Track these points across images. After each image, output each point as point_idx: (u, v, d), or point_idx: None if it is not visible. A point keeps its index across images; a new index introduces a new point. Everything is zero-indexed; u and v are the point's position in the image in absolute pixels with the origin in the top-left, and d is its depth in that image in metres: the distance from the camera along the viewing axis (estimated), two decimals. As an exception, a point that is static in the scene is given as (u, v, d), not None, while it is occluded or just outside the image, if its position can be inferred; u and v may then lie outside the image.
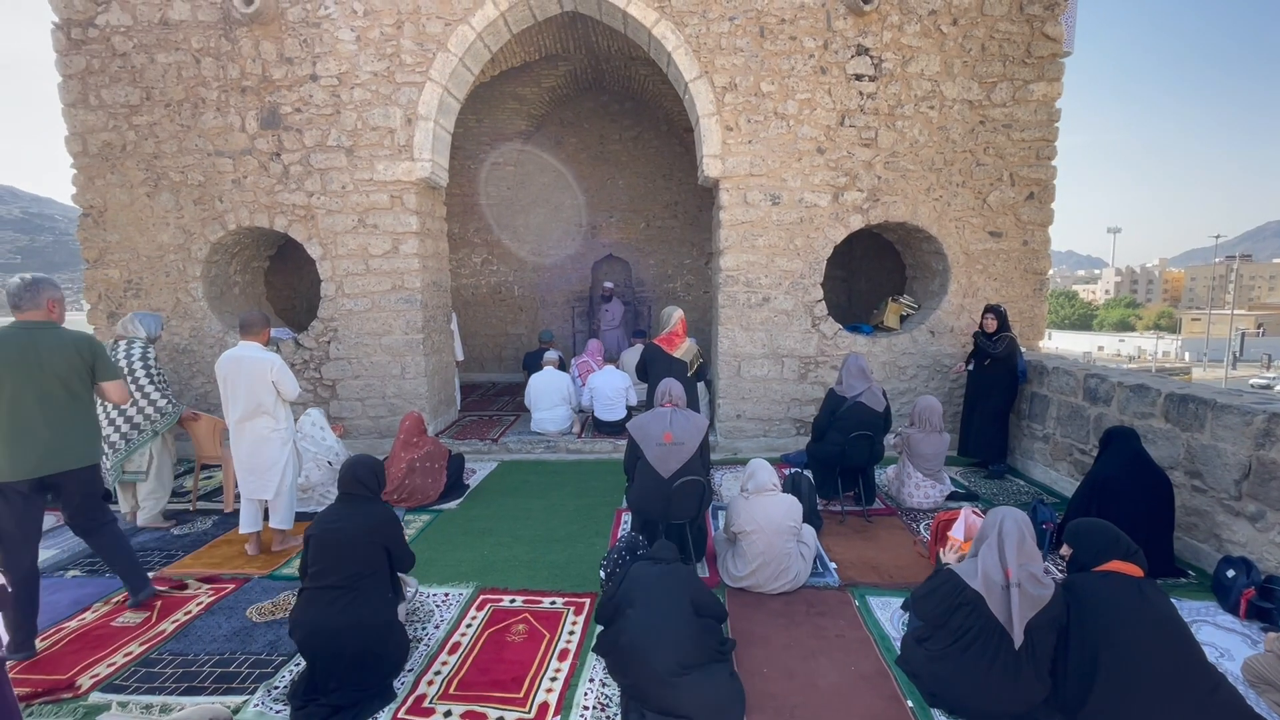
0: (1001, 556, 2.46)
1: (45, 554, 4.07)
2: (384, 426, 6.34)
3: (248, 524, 4.09)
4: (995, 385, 5.51)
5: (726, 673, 2.62)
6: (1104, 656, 2.26)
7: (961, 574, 2.57)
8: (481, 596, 3.53)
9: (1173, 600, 2.44)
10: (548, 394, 6.43)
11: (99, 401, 4.41)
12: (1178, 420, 3.98)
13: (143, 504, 4.63)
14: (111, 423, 4.46)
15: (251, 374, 3.83)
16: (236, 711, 2.59)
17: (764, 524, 3.43)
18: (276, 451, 3.99)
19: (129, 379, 4.45)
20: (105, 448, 4.48)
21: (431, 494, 4.96)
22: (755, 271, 6.09)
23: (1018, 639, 2.35)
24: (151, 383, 4.55)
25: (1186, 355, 43.42)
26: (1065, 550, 2.60)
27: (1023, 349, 5.84)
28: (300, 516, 4.69)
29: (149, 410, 4.52)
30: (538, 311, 10.56)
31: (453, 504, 5.00)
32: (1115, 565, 2.40)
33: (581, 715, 2.56)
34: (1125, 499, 3.53)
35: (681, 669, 2.45)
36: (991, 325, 5.51)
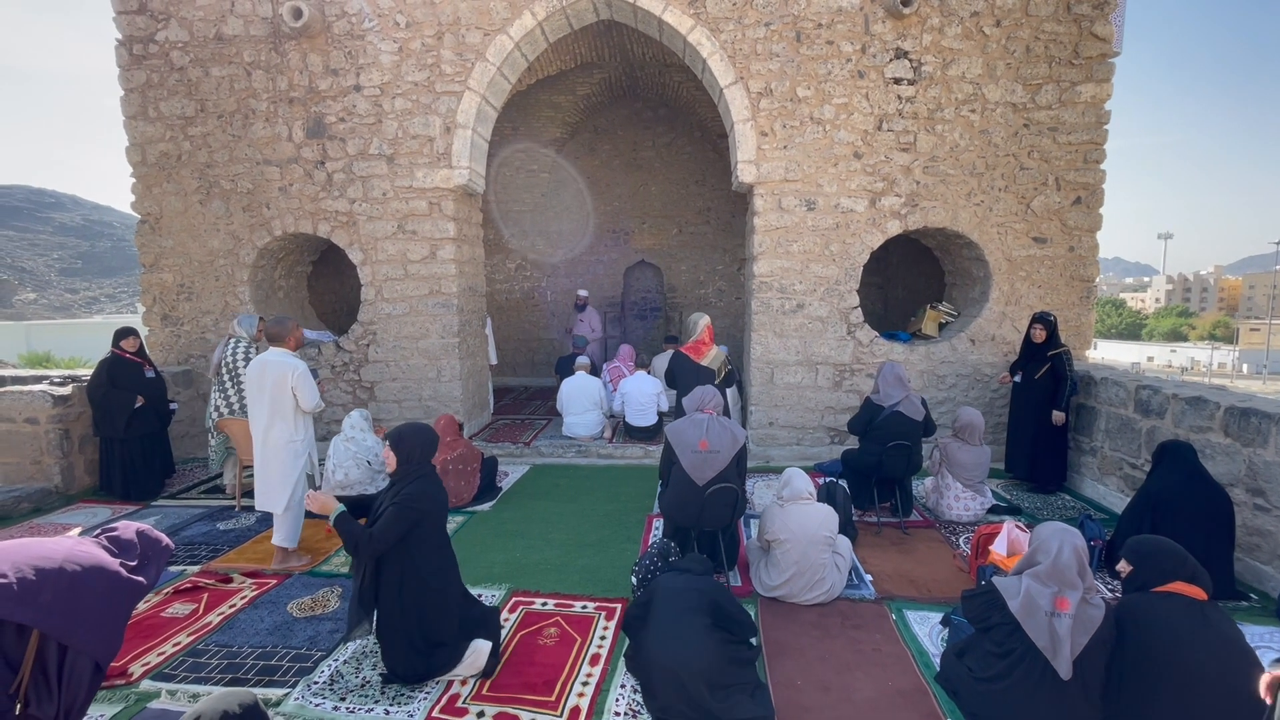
0: (1058, 587, 2.33)
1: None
2: (419, 428, 6.45)
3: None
4: (1047, 401, 5.13)
5: (754, 690, 2.59)
6: (1163, 682, 2.15)
7: (1002, 591, 2.47)
8: (514, 599, 3.56)
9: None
10: (579, 399, 6.47)
11: (216, 383, 5.09)
12: (1239, 435, 3.79)
13: (231, 479, 5.32)
14: (228, 404, 5.12)
15: (274, 379, 3.80)
16: (277, 704, 2.65)
17: (798, 533, 3.38)
18: (289, 464, 3.87)
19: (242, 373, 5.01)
20: (211, 426, 5.26)
21: (465, 496, 5.03)
22: (789, 278, 6.03)
23: (1065, 671, 2.23)
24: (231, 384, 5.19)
25: (1245, 367, 41.37)
26: (1124, 567, 2.47)
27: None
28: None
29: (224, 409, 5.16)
30: (570, 317, 10.64)
31: (485, 506, 5.06)
32: (1177, 587, 2.28)
33: (613, 721, 2.56)
34: (1182, 516, 3.37)
35: (709, 689, 2.44)
36: (1040, 336, 5.19)
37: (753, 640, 2.90)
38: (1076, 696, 2.26)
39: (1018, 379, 5.42)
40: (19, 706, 1.61)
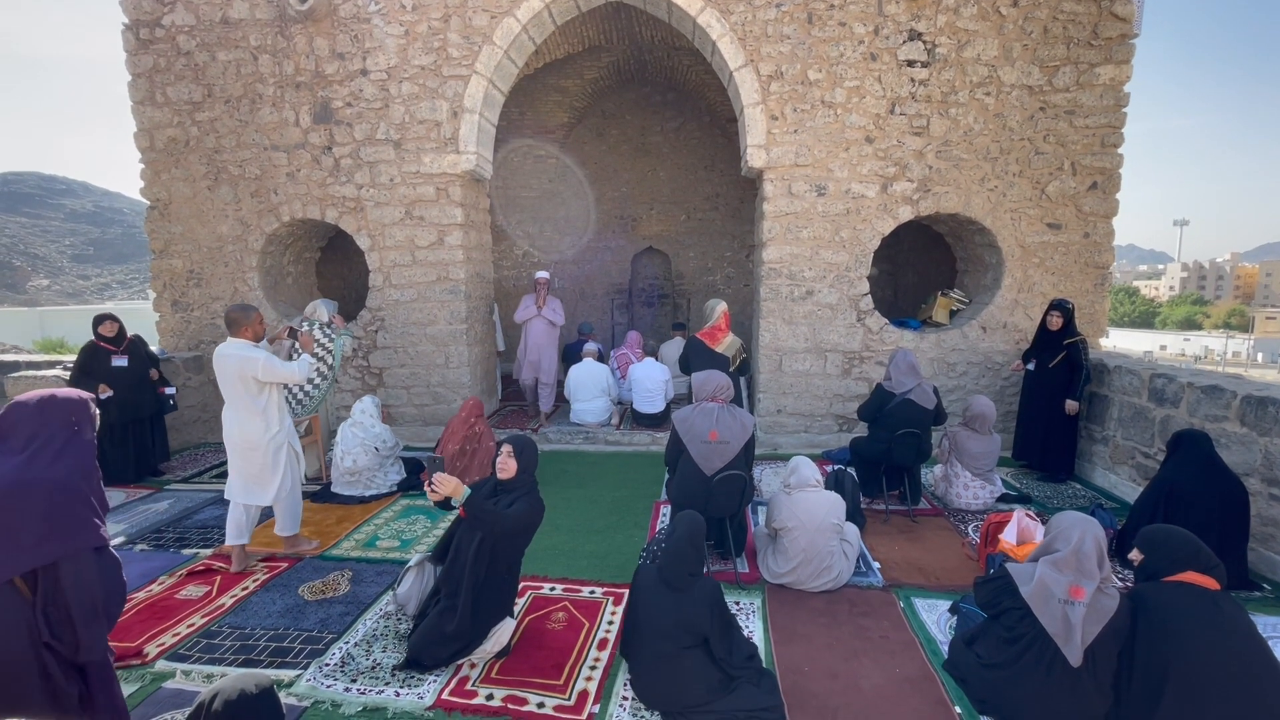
0: (1074, 576, 2.31)
1: (114, 527, 4.30)
2: (428, 414, 6.49)
3: (234, 535, 3.74)
4: (1061, 390, 5.07)
5: (759, 678, 2.59)
6: (1174, 672, 2.13)
7: (1015, 576, 2.46)
8: (522, 583, 3.57)
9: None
10: (587, 385, 6.47)
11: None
12: (1255, 424, 3.73)
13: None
14: (301, 388, 5.15)
15: (234, 373, 3.52)
16: (290, 685, 2.69)
17: (806, 521, 3.37)
18: (269, 460, 3.67)
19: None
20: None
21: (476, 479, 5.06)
22: (799, 264, 5.97)
23: (1076, 658, 2.22)
24: (321, 361, 5.26)
25: (1260, 356, 40.88)
26: (1136, 555, 2.45)
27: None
28: (349, 499, 4.85)
29: (309, 388, 5.19)
30: (577, 304, 10.61)
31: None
32: (1190, 576, 2.26)
33: (621, 705, 2.57)
34: (1196, 506, 3.34)
35: (711, 702, 2.44)
36: (1057, 323, 5.12)
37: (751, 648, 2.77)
38: (1086, 684, 2.26)
39: (1030, 366, 5.36)
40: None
